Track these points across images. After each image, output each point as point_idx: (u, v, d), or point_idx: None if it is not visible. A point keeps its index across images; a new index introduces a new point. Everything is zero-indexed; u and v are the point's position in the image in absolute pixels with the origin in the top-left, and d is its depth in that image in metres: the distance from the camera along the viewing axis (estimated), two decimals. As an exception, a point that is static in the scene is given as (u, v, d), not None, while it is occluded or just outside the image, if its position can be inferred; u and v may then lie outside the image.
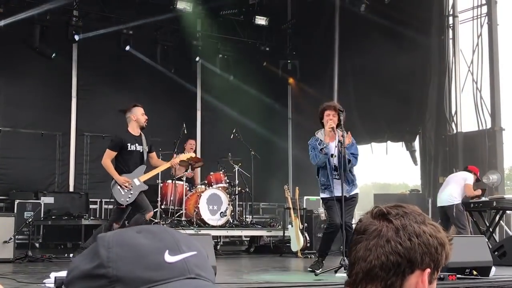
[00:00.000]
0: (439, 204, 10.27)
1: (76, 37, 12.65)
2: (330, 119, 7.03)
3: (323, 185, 7.21)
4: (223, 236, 11.44)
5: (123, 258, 0.89)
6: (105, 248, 0.91)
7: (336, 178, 7.06)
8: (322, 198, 7.39)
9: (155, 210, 10.18)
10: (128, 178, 7.93)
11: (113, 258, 0.89)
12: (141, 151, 8.14)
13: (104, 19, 13.23)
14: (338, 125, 7.14)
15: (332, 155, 7.06)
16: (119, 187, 7.90)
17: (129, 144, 8.03)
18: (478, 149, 12.09)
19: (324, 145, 7.01)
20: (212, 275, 0.96)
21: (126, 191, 7.91)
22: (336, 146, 7.09)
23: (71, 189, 13.09)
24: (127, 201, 7.94)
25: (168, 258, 0.90)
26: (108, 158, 7.98)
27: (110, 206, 12.68)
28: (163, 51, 13.86)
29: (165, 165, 8.53)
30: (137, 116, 8.16)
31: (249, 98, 14.62)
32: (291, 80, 15.72)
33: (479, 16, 12.67)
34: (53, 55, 12.58)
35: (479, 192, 10.22)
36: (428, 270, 1.36)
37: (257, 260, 9.98)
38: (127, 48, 13.23)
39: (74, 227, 11.20)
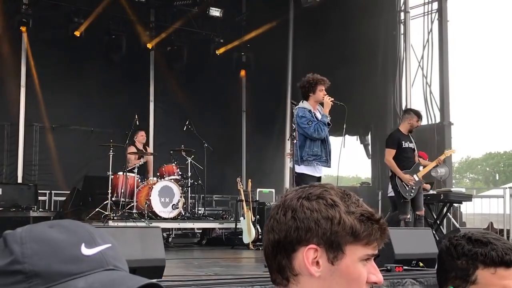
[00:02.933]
0: (389, 194, 10.41)
1: (25, 26, 12.38)
2: (325, 93, 7.23)
3: (314, 156, 7.11)
4: (175, 228, 11.38)
5: (39, 253, 0.88)
6: (18, 244, 0.89)
7: (324, 148, 7.23)
8: (301, 174, 7.09)
9: (105, 203, 10.09)
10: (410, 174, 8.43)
11: (28, 253, 0.88)
12: (412, 148, 8.65)
13: (54, 7, 12.97)
14: None
15: (328, 124, 7.23)
16: (403, 182, 8.37)
17: (403, 142, 8.51)
18: (427, 143, 12.29)
19: (328, 117, 7.22)
20: (127, 267, 0.96)
21: (409, 187, 8.39)
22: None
23: (20, 180, 12.82)
24: (411, 195, 8.40)
25: (85, 251, 0.90)
26: (390, 156, 8.43)
27: (60, 198, 12.53)
28: (116, 41, 13.68)
29: (432, 164, 9.03)
30: (412, 122, 8.67)
31: (203, 90, 14.58)
32: (242, 73, 15.72)
33: (430, 12, 12.89)
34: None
35: (428, 186, 10.40)
36: (312, 246, 1.25)
37: (209, 252, 9.98)
38: (77, 33, 12.98)
39: (23, 219, 10.99)
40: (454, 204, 10.93)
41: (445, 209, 10.70)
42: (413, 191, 8.37)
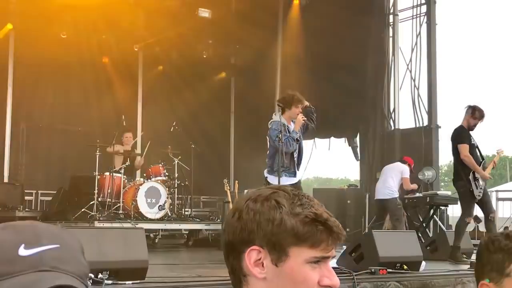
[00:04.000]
0: (377, 197, 10.38)
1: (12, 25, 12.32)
2: (301, 112, 7.42)
3: (283, 167, 7.32)
4: (161, 229, 11.32)
5: None
6: None
7: (294, 161, 7.43)
8: (271, 183, 7.34)
9: (91, 203, 10.04)
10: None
11: None
12: (476, 145, 8.31)
13: (43, 7, 12.86)
14: None
15: (297, 139, 7.43)
16: (475, 181, 7.98)
17: (472, 139, 8.18)
18: (414, 146, 12.35)
19: (297, 134, 7.40)
20: (81, 268, 0.94)
21: (479, 186, 8.03)
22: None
23: (6, 180, 12.73)
24: (479, 195, 8.02)
25: (22, 252, 0.89)
26: (466, 151, 7.98)
27: (47, 198, 12.46)
28: (103, 42, 13.61)
29: (491, 164, 8.54)
30: (469, 119, 8.17)
31: (191, 91, 14.55)
32: (231, 74, 15.70)
33: (418, 15, 12.95)
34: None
35: (415, 186, 10.43)
36: (255, 247, 1.26)
37: (195, 253, 9.96)
38: (64, 36, 12.90)
39: (9, 218, 10.87)
40: (440, 207, 10.97)
41: (431, 212, 10.74)
42: (482, 190, 8.04)
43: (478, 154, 8.15)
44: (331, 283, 1.28)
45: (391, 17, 13.40)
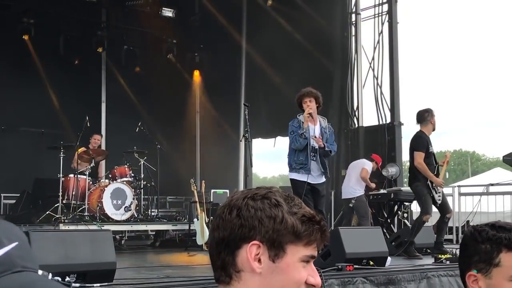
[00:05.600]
0: (343, 196, 10.55)
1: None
2: (308, 105, 7.34)
3: (300, 164, 7.33)
4: (128, 230, 11.26)
5: None
6: None
7: (313, 160, 7.32)
8: (292, 179, 7.45)
9: (55, 205, 9.92)
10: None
11: None
12: (434, 152, 8.38)
13: (3, 7, 12.68)
14: (318, 107, 7.51)
15: (314, 136, 7.33)
16: (434, 186, 8.06)
17: (430, 146, 8.21)
18: (378, 143, 12.50)
19: (304, 130, 7.28)
20: (36, 264, 0.92)
21: (438, 191, 8.13)
22: (315, 129, 7.42)
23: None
24: (440, 199, 8.15)
25: None
26: (420, 159, 8.04)
27: (10, 201, 12.27)
28: (66, 41, 13.47)
29: (445, 167, 8.53)
30: (434, 121, 8.29)
31: (155, 91, 14.48)
32: (196, 74, 15.68)
33: (380, 14, 13.09)
34: None
35: (373, 185, 10.56)
36: (255, 242, 1.30)
37: (162, 254, 9.91)
38: (27, 37, 12.73)
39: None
40: (404, 203, 11.11)
41: (395, 208, 10.89)
42: (440, 194, 8.18)
43: (433, 160, 8.27)
44: (315, 282, 1.35)
45: (353, 16, 13.53)
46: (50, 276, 3.27)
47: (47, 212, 9.96)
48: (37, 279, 0.88)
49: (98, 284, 4.53)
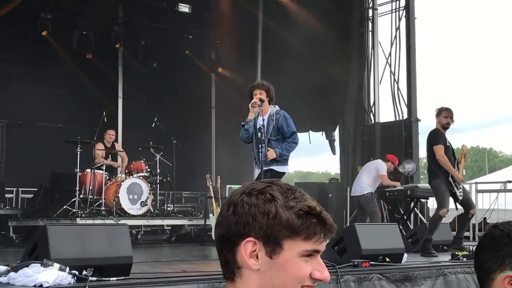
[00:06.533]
0: (352, 194, 10.55)
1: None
2: (257, 97, 7.11)
3: (254, 158, 7.31)
4: (144, 225, 11.31)
5: None
6: None
7: (262, 152, 7.09)
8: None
9: (72, 200, 9.98)
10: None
11: None
12: (452, 147, 8.32)
13: (21, 3, 12.76)
14: (270, 101, 7.23)
15: (259, 129, 7.06)
16: (455, 182, 8.00)
17: (447, 140, 8.17)
18: (394, 139, 12.44)
19: (245, 121, 7.15)
20: None
21: (459, 187, 8.07)
22: (262, 119, 7.12)
23: (-15, 177, 12.61)
24: (461, 195, 8.09)
25: None
26: (441, 151, 8.00)
27: (27, 195, 12.36)
28: (83, 37, 13.53)
29: (463, 162, 8.48)
30: (442, 120, 8.21)
31: (171, 86, 14.51)
32: (211, 69, 15.69)
33: (397, 9, 13.02)
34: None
35: (397, 183, 10.52)
36: (250, 239, 1.29)
37: (178, 249, 9.95)
38: (45, 33, 12.81)
39: (-11, 217, 10.85)
40: (421, 200, 11.06)
41: (412, 205, 10.84)
42: (462, 190, 8.13)
43: (452, 156, 8.23)
44: (322, 276, 1.32)
45: (370, 11, 13.46)
46: (67, 269, 3.30)
47: (64, 207, 10.01)
48: None
49: (115, 278, 4.55)
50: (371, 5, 13.43)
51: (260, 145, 7.05)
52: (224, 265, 1.35)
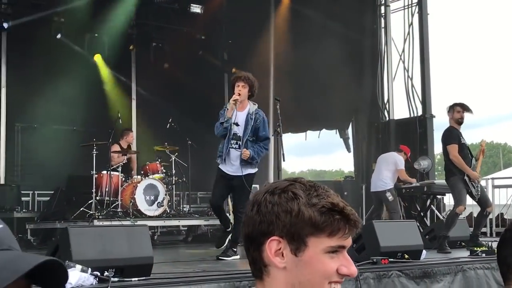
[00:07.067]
0: (372, 189, 10.48)
1: (5, 25, 12.26)
2: (239, 90, 6.84)
3: (219, 152, 7.03)
4: (160, 226, 11.35)
5: None
6: None
7: (232, 147, 6.91)
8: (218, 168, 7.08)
9: (89, 202, 10.04)
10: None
11: None
12: (467, 144, 8.25)
13: (34, 6, 12.84)
14: (250, 96, 7.00)
15: (236, 123, 6.86)
16: (471, 181, 7.95)
17: (462, 138, 8.11)
18: (409, 135, 12.40)
19: (225, 119, 6.83)
20: (19, 247, 0.99)
21: (476, 185, 8.03)
22: (239, 116, 6.93)
23: (2, 181, 12.70)
24: (478, 193, 8.04)
25: None
26: (455, 151, 7.94)
27: (44, 198, 12.43)
28: (96, 40, 13.59)
29: (480, 158, 8.48)
30: (454, 116, 8.16)
31: (185, 87, 14.54)
32: (225, 69, 15.70)
33: (410, 6, 12.98)
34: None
35: (413, 180, 10.48)
36: (274, 237, 1.30)
37: (195, 249, 9.97)
38: (58, 36, 12.89)
39: (6, 220, 10.72)
40: (437, 196, 11.02)
41: (428, 201, 10.80)
42: (478, 188, 8.08)
43: (468, 153, 8.17)
44: (349, 272, 1.33)
45: (382, 8, 13.43)
46: (89, 270, 3.31)
47: (81, 209, 10.08)
48: (23, 255, 0.94)
49: (136, 278, 4.58)
50: (383, 2, 13.39)
51: (235, 142, 6.87)
52: (252, 263, 1.37)
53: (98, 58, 13.75)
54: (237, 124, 6.85)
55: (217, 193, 6.98)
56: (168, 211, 10.67)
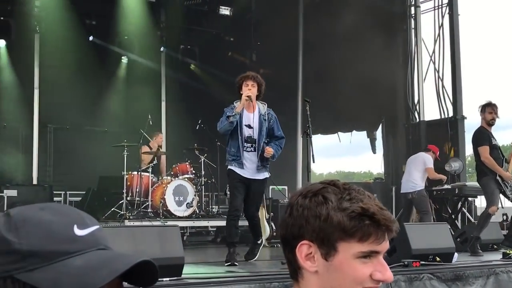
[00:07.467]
0: (402, 190, 10.37)
1: (38, 28, 12.47)
2: (249, 89, 6.73)
3: (233, 156, 6.71)
4: (189, 227, 11.40)
5: (34, 234, 0.93)
6: (12, 226, 0.94)
7: (247, 151, 6.68)
8: (228, 172, 6.84)
9: (120, 202, 10.14)
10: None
11: (23, 235, 0.93)
12: (498, 145, 8.24)
13: (66, 9, 13.01)
14: (258, 97, 6.87)
15: (249, 126, 6.71)
16: (504, 181, 7.93)
17: (493, 139, 8.08)
18: (440, 137, 12.28)
19: (234, 113, 6.62)
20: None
21: (509, 185, 7.99)
22: (252, 117, 6.77)
23: (35, 181, 12.90)
24: (511, 193, 8.01)
25: (78, 231, 0.96)
26: (486, 153, 7.91)
27: (76, 198, 12.59)
28: (126, 41, 13.73)
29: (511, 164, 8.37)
30: (486, 116, 8.07)
31: (214, 88, 14.59)
32: (253, 70, 15.71)
33: (440, 6, 12.87)
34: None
35: (443, 177, 10.34)
36: (305, 241, 1.30)
37: (224, 250, 9.96)
38: (91, 38, 13.06)
39: (39, 220, 11.03)
40: (468, 198, 10.90)
41: (459, 204, 10.68)
42: (511, 189, 7.99)
43: (500, 154, 8.07)
44: (383, 277, 1.29)
45: (412, 8, 13.34)
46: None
47: (112, 209, 10.18)
48: (119, 254, 0.97)
49: (168, 278, 4.62)
50: (413, 3, 13.30)
51: (250, 145, 6.67)
52: (288, 264, 1.37)
53: (128, 61, 13.87)
54: (249, 127, 6.71)
55: (239, 198, 6.78)
56: (198, 211, 10.72)
